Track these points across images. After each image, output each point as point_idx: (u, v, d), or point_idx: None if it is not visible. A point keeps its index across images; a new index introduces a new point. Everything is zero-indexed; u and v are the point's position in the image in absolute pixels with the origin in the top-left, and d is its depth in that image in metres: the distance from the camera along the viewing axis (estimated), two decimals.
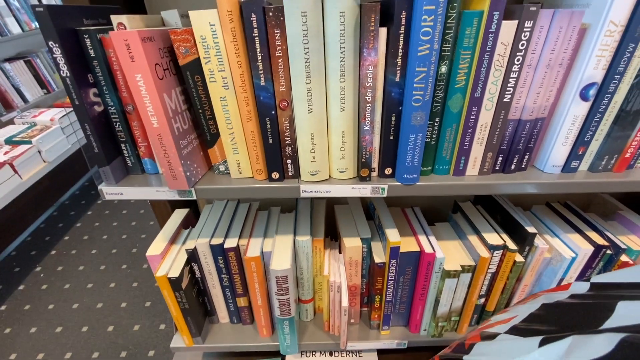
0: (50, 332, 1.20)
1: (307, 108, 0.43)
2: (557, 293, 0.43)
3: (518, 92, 0.44)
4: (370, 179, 0.48)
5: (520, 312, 0.42)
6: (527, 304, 0.44)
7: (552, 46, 0.41)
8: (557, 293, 0.43)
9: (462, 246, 0.65)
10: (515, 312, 0.43)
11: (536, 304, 0.42)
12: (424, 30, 0.37)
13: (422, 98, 0.41)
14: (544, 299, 0.43)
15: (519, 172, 0.51)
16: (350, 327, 0.72)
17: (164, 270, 0.58)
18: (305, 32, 0.38)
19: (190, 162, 0.46)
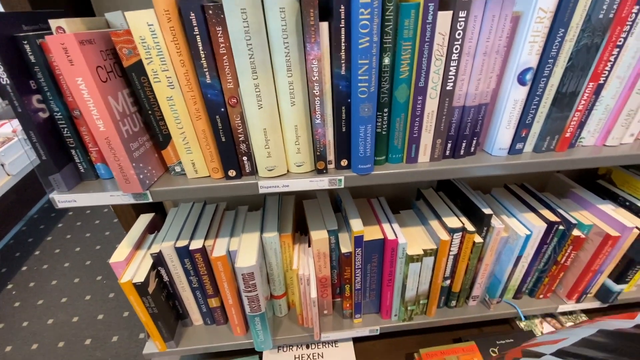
0: (25, 350, 1.16)
1: (256, 104, 0.43)
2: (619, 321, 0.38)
3: (460, 79, 0.46)
4: (326, 171, 0.50)
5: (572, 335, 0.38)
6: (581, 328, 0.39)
7: (487, 34, 0.43)
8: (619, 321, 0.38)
9: (424, 231, 0.68)
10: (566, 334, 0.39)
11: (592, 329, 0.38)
12: (362, 23, 0.38)
13: (368, 90, 0.43)
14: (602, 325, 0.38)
15: (468, 157, 0.53)
16: (325, 319, 0.73)
17: (129, 276, 0.57)
18: (247, 29, 0.38)
19: (144, 164, 0.46)
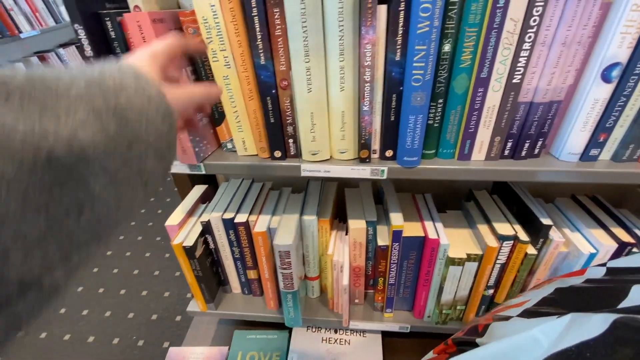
0: (93, 292, 1.34)
1: (306, 87, 0.43)
2: (572, 278, 0.42)
3: (530, 72, 0.42)
4: (369, 160, 0.49)
5: (533, 296, 0.42)
6: (541, 289, 0.43)
7: (569, 22, 0.38)
8: (572, 278, 0.42)
9: (471, 235, 0.64)
10: (529, 296, 0.43)
11: (550, 289, 0.41)
12: (423, 6, 0.36)
13: (422, 78, 0.40)
14: (558, 284, 0.42)
15: (530, 159, 0.49)
16: (355, 307, 0.74)
17: (180, 239, 0.63)
18: (304, 11, 0.39)
19: (200, 138, 0.49)
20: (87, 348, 1.14)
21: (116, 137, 0.20)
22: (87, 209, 0.18)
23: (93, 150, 0.18)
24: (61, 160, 0.17)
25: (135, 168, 0.21)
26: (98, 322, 1.23)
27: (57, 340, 1.16)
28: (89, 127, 0.18)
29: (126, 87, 0.21)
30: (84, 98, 0.19)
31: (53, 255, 0.17)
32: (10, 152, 0.15)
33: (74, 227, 0.18)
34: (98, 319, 1.24)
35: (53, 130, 0.16)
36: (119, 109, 0.20)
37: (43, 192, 0.16)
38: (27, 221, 0.15)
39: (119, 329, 1.21)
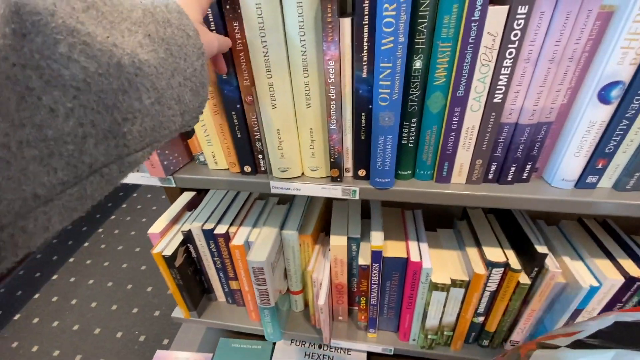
0: (103, 286, 1.40)
1: (270, 103, 0.41)
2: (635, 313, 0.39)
3: (513, 91, 0.37)
4: (341, 180, 0.46)
5: (587, 327, 0.39)
6: (598, 321, 0.40)
7: (557, 36, 0.34)
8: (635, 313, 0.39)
9: (459, 258, 0.59)
10: (581, 327, 0.40)
11: (607, 322, 0.38)
12: (386, 20, 0.33)
13: (389, 97, 0.37)
14: (618, 317, 0.39)
15: (519, 184, 0.44)
16: (339, 324, 0.71)
17: (160, 248, 0.63)
18: (262, 25, 0.36)
19: (169, 151, 0.49)
20: (93, 339, 1.19)
21: (164, 62, 0.23)
22: (138, 119, 0.21)
23: (148, 67, 0.21)
24: (126, 69, 0.20)
25: (176, 95, 0.24)
26: (105, 315, 1.27)
27: (67, 330, 1.22)
28: (145, 48, 0.22)
29: (171, 23, 0.24)
30: (141, 24, 0.22)
31: (112, 151, 0.20)
32: (93, 52, 0.18)
33: (128, 133, 0.21)
34: (105, 312, 1.29)
35: (120, 43, 0.20)
36: (166, 40, 0.23)
37: (112, 94, 0.19)
38: (100, 115, 0.19)
39: (123, 322, 1.25)
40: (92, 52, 0.18)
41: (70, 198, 0.19)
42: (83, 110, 0.18)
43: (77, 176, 0.19)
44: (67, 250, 1.55)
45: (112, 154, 0.21)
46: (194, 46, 0.26)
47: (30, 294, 1.35)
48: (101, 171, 0.20)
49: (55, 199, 0.18)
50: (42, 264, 1.48)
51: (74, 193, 0.19)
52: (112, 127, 0.20)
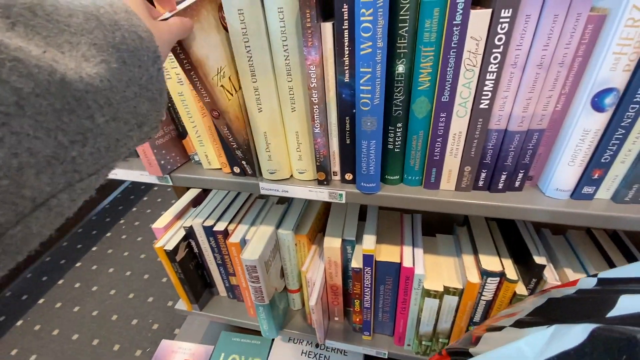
0: (121, 275, 1.47)
1: (256, 107, 0.42)
2: (564, 289, 0.41)
3: (500, 97, 0.36)
4: (328, 183, 0.46)
5: (526, 307, 0.42)
6: (535, 299, 0.43)
7: (545, 40, 0.32)
8: (564, 289, 0.41)
9: (456, 265, 0.58)
10: (522, 307, 0.43)
11: (543, 299, 0.41)
12: (364, 26, 0.33)
13: (370, 102, 0.37)
14: (551, 294, 0.41)
15: (511, 193, 0.42)
16: (335, 325, 0.72)
17: (162, 243, 0.66)
18: (245, 31, 0.37)
19: (166, 151, 0.51)
20: (111, 325, 1.26)
21: (117, 73, 0.20)
22: (90, 140, 0.19)
23: (99, 81, 0.19)
24: (73, 86, 0.17)
25: (132, 107, 0.22)
26: (122, 303, 1.34)
27: (87, 315, 1.30)
28: (92, 60, 0.19)
29: (120, 25, 0.21)
30: (84, 31, 0.19)
31: (59, 179, 0.18)
32: (28, 70, 0.16)
33: (78, 156, 0.19)
34: (122, 300, 1.36)
35: (61, 59, 0.17)
36: (116, 46, 0.21)
37: (54, 115, 0.17)
38: (40, 140, 0.16)
39: (139, 311, 1.31)
40: (27, 70, 0.16)
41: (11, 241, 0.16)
42: (16, 137, 0.15)
43: (18, 214, 0.16)
44: (90, 240, 1.65)
45: (60, 182, 0.18)
46: (148, 49, 0.23)
47: (56, 279, 1.44)
48: (48, 203, 0.18)
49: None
50: (68, 251, 1.58)
51: (16, 234, 0.16)
52: (57, 153, 0.17)
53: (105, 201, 1.91)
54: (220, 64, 0.39)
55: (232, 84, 0.41)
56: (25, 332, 1.24)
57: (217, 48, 0.38)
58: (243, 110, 0.43)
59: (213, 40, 0.37)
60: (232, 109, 0.41)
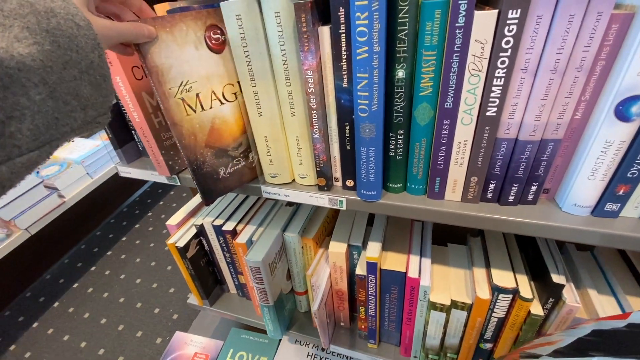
0: (147, 265, 1.55)
1: (256, 111, 0.42)
2: (613, 321, 0.38)
3: (510, 104, 0.33)
4: (328, 188, 0.45)
5: (567, 336, 0.39)
6: (577, 329, 0.40)
7: (560, 43, 0.29)
8: (613, 321, 0.38)
9: (466, 278, 0.55)
10: (561, 336, 0.40)
11: (586, 330, 0.38)
12: (359, 30, 0.32)
13: (368, 108, 0.36)
14: (596, 325, 0.38)
15: (523, 206, 0.39)
16: (341, 330, 0.71)
17: (174, 239, 0.68)
18: (243, 36, 0.37)
19: (174, 152, 0.52)
20: (135, 312, 1.33)
21: (51, 55, 0.22)
22: (28, 117, 0.20)
23: (31, 61, 0.20)
24: (4, 63, 0.19)
25: (72, 90, 0.23)
26: (146, 292, 1.41)
27: (114, 301, 1.38)
28: (24, 41, 0.20)
29: (56, 12, 0.22)
30: (17, 15, 0.20)
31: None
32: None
33: (16, 132, 0.20)
34: (147, 289, 1.43)
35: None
36: (50, 31, 0.22)
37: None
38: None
39: (161, 300, 1.37)
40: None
41: None
42: None
43: None
44: (121, 230, 1.75)
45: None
46: (87, 37, 0.24)
47: (89, 266, 1.54)
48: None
49: None
50: (101, 240, 1.69)
51: None
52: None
53: (135, 194, 2.01)
54: (187, 78, 0.38)
55: (199, 101, 0.40)
56: (60, 313, 1.34)
57: (189, 63, 0.38)
58: (243, 114, 0.43)
59: (185, 55, 0.37)
60: (188, 124, 0.40)
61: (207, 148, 0.43)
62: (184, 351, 0.82)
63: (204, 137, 0.43)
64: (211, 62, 0.40)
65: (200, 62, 0.39)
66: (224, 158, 0.46)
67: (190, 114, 0.40)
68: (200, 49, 0.38)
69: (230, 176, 0.47)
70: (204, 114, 0.41)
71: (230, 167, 0.47)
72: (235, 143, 0.46)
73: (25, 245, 1.27)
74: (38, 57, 0.21)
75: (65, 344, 1.23)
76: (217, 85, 0.41)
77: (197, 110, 0.41)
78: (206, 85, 0.40)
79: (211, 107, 0.42)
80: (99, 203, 1.75)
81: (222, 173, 0.46)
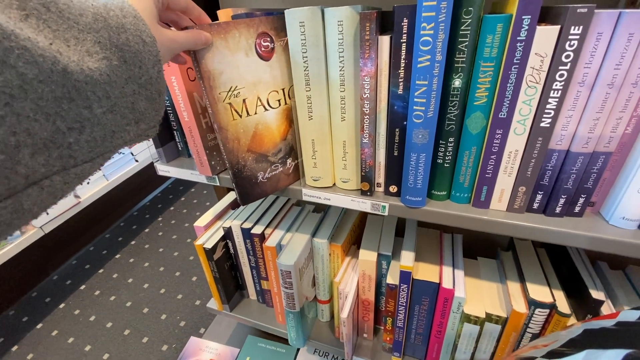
0: (155, 270, 1.54)
1: (307, 115, 0.43)
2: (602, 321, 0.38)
3: (564, 116, 0.34)
4: (371, 193, 0.46)
5: (560, 337, 0.39)
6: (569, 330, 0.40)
7: (618, 59, 0.31)
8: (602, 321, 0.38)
9: (499, 291, 0.55)
10: (555, 337, 0.40)
11: (578, 330, 0.39)
12: (424, 39, 0.33)
13: (424, 114, 0.37)
14: (587, 326, 0.39)
15: (569, 218, 0.40)
16: (364, 342, 0.70)
17: (202, 241, 0.68)
18: (304, 42, 0.39)
19: (217, 152, 0.53)
20: (141, 317, 1.31)
21: (117, 69, 0.22)
22: (87, 129, 0.21)
23: (99, 75, 0.21)
24: (73, 76, 0.19)
25: (129, 103, 0.24)
26: (153, 297, 1.40)
27: (121, 305, 1.36)
28: (95, 56, 0.21)
29: (126, 28, 0.23)
30: (91, 30, 0.21)
31: (54, 162, 0.19)
32: (34, 58, 0.17)
33: (74, 143, 0.20)
34: (154, 294, 1.41)
35: (65, 51, 0.19)
36: (119, 47, 0.23)
37: (54, 102, 0.18)
38: (38, 123, 0.18)
39: (168, 306, 1.35)
40: (33, 58, 0.17)
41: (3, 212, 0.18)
42: (16, 118, 0.17)
43: (10, 188, 0.17)
44: (131, 234, 1.74)
45: (55, 165, 0.19)
46: (150, 53, 0.25)
47: (97, 268, 1.53)
48: (41, 183, 0.19)
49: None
50: (110, 243, 1.68)
51: (7, 206, 0.18)
52: (54, 137, 0.19)
53: (147, 198, 2.02)
54: (236, 83, 0.40)
55: (245, 107, 0.42)
56: (66, 315, 1.32)
57: (238, 69, 0.39)
58: (294, 117, 0.45)
59: (236, 61, 0.39)
60: (233, 129, 0.42)
61: (249, 153, 0.45)
62: (199, 357, 0.81)
63: (247, 142, 0.44)
64: (259, 69, 0.41)
65: (249, 69, 0.40)
66: (263, 163, 0.47)
67: (236, 119, 0.42)
68: (250, 55, 0.40)
69: (268, 181, 0.48)
70: (248, 120, 0.43)
71: (268, 172, 0.48)
72: (275, 149, 0.47)
73: (37, 244, 1.27)
74: (105, 71, 0.21)
75: (69, 346, 1.21)
76: (262, 91, 0.43)
77: (243, 115, 0.42)
78: (253, 91, 0.42)
79: (256, 112, 0.43)
80: (111, 205, 1.76)
81: (261, 177, 0.47)
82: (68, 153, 0.20)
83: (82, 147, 0.21)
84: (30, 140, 0.18)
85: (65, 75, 0.19)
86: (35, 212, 0.20)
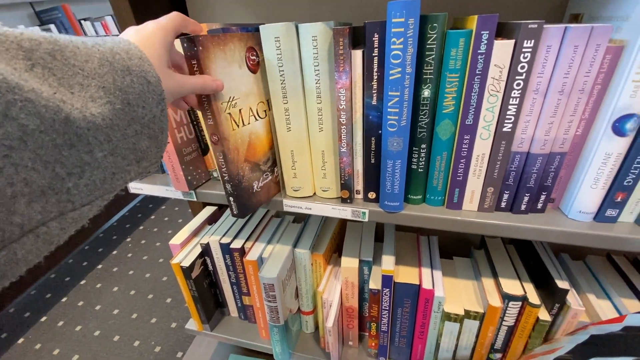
0: (125, 294, 1.45)
1: (285, 126, 0.44)
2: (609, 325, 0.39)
3: (523, 121, 0.38)
4: (351, 201, 0.47)
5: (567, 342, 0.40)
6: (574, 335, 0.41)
7: (566, 69, 0.34)
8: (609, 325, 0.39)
9: (475, 289, 0.57)
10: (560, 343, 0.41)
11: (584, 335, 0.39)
12: (394, 53, 0.35)
13: (397, 123, 0.39)
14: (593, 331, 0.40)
15: (533, 214, 0.43)
16: (349, 350, 0.70)
17: (179, 259, 0.66)
18: (280, 56, 0.40)
19: (193, 167, 0.52)
20: (112, 346, 1.23)
21: (120, 113, 0.22)
22: (87, 173, 0.20)
23: (102, 120, 0.21)
24: (75, 124, 0.19)
25: (131, 144, 0.23)
26: (125, 323, 1.32)
27: (88, 335, 1.27)
28: (98, 101, 0.21)
29: (131, 70, 0.23)
30: (96, 75, 0.21)
31: (52, 207, 0.19)
32: (36, 109, 0.17)
33: (73, 187, 0.20)
34: (125, 320, 1.33)
35: (69, 99, 0.19)
36: (123, 89, 0.22)
37: (54, 149, 0.18)
38: (36, 172, 0.17)
39: (141, 332, 1.28)
40: (35, 109, 0.17)
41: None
42: (14, 169, 0.16)
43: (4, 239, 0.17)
44: (97, 257, 1.64)
45: (52, 211, 0.19)
46: (154, 92, 0.25)
47: (59, 297, 1.42)
48: (37, 231, 0.18)
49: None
50: (73, 268, 1.57)
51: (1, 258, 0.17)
52: (52, 183, 0.18)
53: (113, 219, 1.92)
54: (232, 94, 0.40)
55: (241, 117, 0.42)
56: (26, 350, 1.21)
57: (234, 80, 0.40)
58: (273, 130, 0.45)
59: (232, 73, 0.40)
60: (233, 138, 0.42)
61: (246, 162, 0.45)
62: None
63: (244, 151, 0.44)
64: (249, 81, 0.42)
65: (242, 80, 0.41)
66: (257, 172, 0.47)
67: (235, 129, 0.42)
68: (242, 67, 0.41)
69: (261, 190, 0.48)
70: (244, 129, 0.43)
71: (261, 181, 0.48)
72: (265, 157, 0.48)
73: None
74: (108, 115, 0.21)
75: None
76: (253, 102, 0.43)
77: (240, 125, 0.42)
78: (245, 101, 0.42)
79: (249, 122, 0.43)
80: None
81: (256, 187, 0.47)
82: (67, 198, 0.19)
83: (81, 192, 0.20)
84: (27, 189, 0.17)
85: (67, 124, 0.18)
86: (30, 260, 0.19)
